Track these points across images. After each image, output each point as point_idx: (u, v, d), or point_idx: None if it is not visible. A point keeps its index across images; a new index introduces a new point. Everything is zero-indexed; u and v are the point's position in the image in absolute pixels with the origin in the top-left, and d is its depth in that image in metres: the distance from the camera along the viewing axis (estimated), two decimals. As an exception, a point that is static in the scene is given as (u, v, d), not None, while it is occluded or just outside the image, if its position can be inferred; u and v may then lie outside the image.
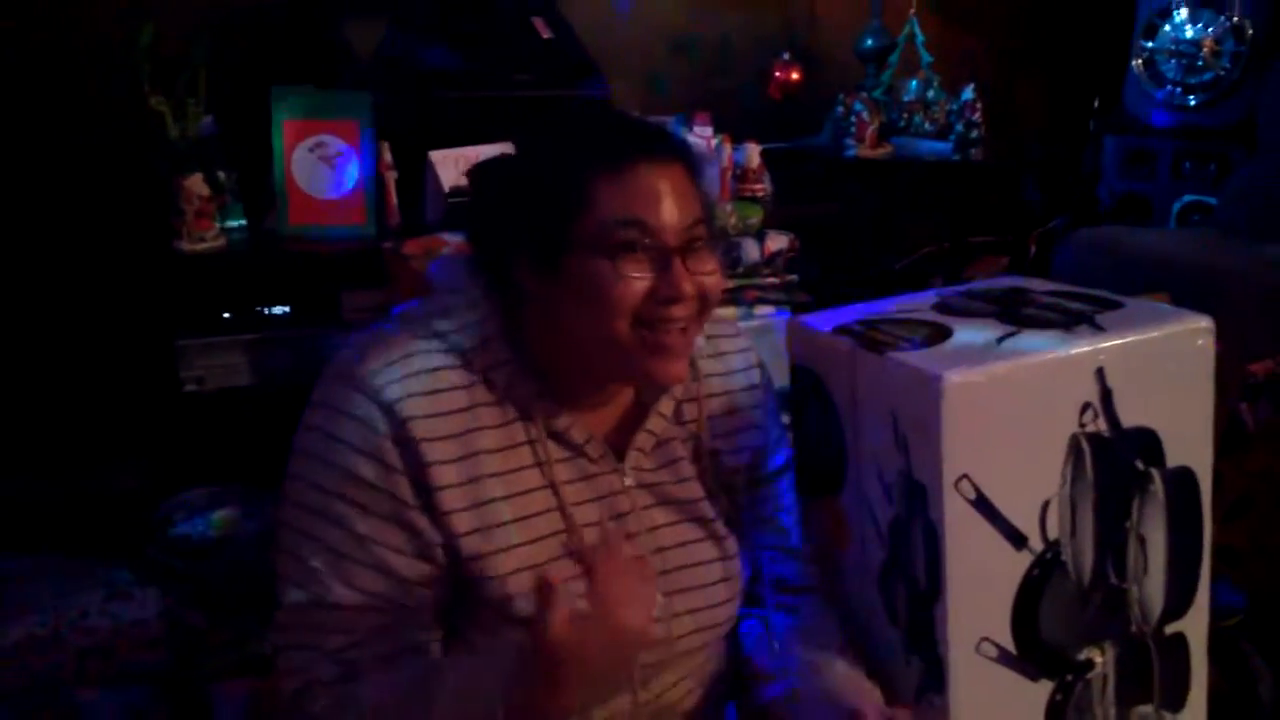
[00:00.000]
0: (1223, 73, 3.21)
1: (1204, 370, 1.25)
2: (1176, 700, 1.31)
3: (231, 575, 1.76)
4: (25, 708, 1.48)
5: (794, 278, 2.24)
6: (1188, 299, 2.42)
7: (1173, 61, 3.28)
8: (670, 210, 0.99)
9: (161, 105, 2.14)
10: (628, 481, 1.10)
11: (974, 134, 2.97)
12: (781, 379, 1.33)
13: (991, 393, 1.14)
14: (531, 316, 1.05)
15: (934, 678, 1.19)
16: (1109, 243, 2.76)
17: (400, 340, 1.03)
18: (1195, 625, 1.30)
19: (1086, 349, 1.18)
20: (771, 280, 2.22)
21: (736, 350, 1.23)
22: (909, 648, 1.22)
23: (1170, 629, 1.29)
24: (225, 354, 2.10)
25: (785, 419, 1.33)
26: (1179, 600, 1.28)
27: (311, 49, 2.44)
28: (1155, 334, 1.22)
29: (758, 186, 2.47)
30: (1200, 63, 3.25)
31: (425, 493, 0.99)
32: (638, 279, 0.98)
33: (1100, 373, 1.18)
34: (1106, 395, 1.19)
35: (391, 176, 2.24)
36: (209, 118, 2.23)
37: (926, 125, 2.95)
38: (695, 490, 1.15)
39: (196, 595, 1.73)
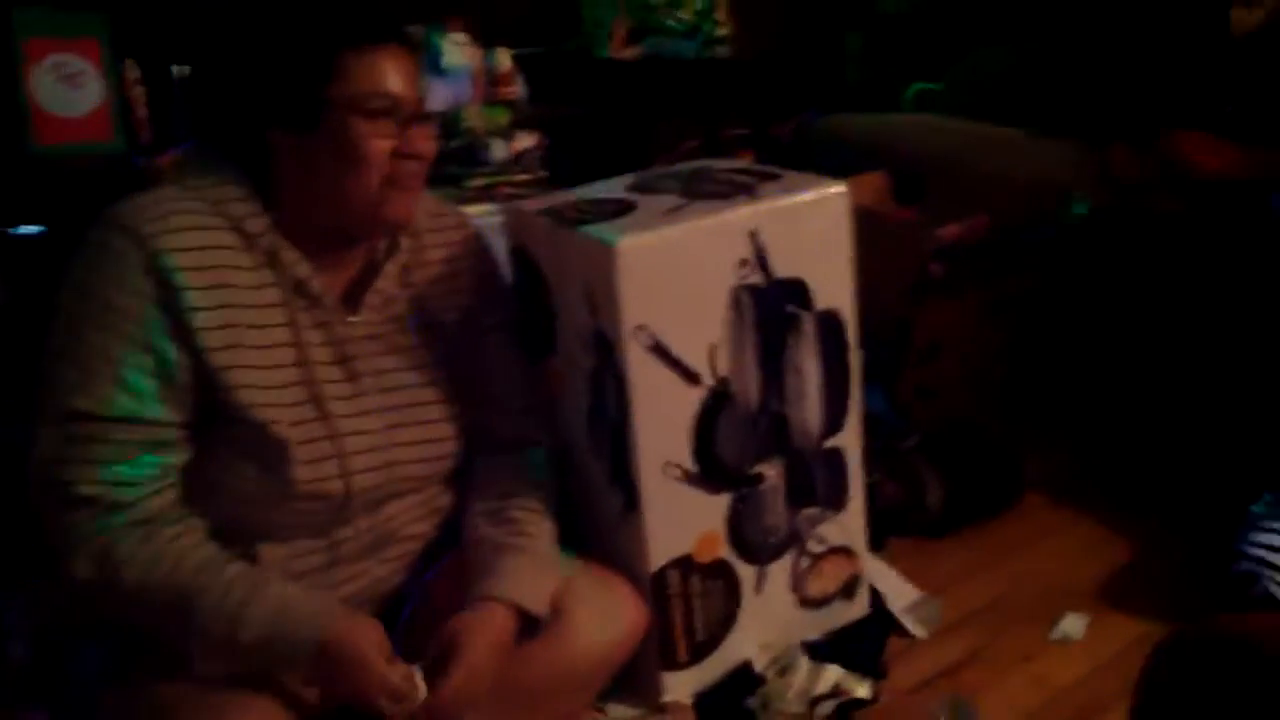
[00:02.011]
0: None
1: (841, 228, 1.49)
2: (836, 502, 1.59)
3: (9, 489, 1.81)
4: None
5: (544, 174, 2.39)
6: (901, 176, 2.74)
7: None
8: (409, 86, 1.21)
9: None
10: (358, 331, 1.26)
11: (719, 32, 3.16)
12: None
13: (659, 254, 1.35)
14: (285, 173, 1.20)
15: (631, 498, 1.41)
16: (839, 130, 3.02)
17: (158, 193, 1.19)
18: (850, 440, 1.58)
19: (741, 214, 1.41)
20: (523, 177, 2.37)
21: (458, 228, 1.40)
22: (611, 478, 1.44)
23: (828, 444, 1.55)
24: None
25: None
26: (833, 420, 1.55)
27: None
28: (800, 199, 1.46)
29: (508, 90, 2.60)
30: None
31: (176, 314, 1.13)
32: (386, 139, 1.19)
33: (753, 234, 1.41)
34: (760, 252, 1.42)
35: (139, 93, 2.26)
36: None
37: (674, 25, 3.13)
38: (418, 341, 1.32)
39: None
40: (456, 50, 2.62)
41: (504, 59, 2.67)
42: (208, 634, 1.10)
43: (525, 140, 2.37)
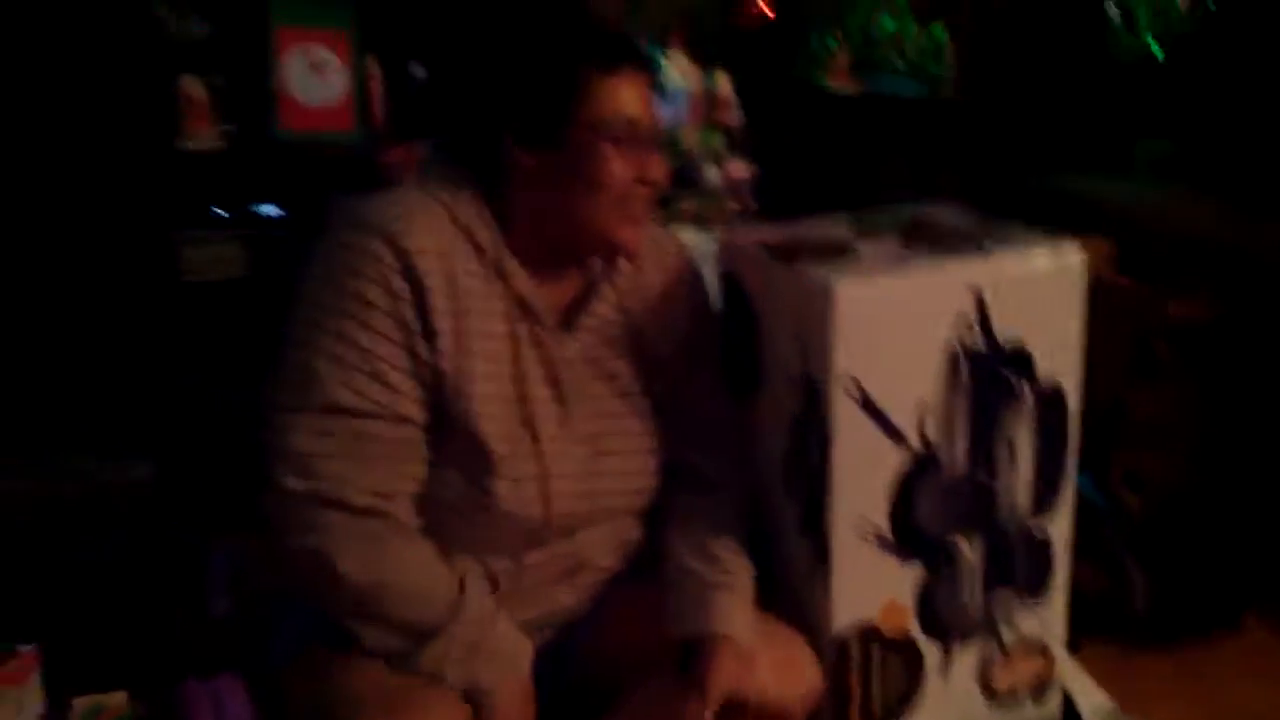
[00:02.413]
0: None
1: (1075, 297, 1.40)
2: (1036, 588, 1.49)
3: (227, 448, 1.91)
4: (20, 556, 1.64)
5: (754, 205, 2.37)
6: (1130, 248, 2.57)
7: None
8: (650, 112, 1.23)
9: (163, 9, 2.25)
10: (571, 353, 1.26)
11: (944, 73, 3.07)
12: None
13: (877, 303, 1.30)
14: (519, 189, 1.21)
15: (820, 552, 1.36)
16: (1062, 186, 2.88)
17: (402, 194, 1.22)
18: (1059, 525, 1.47)
19: (967, 269, 1.34)
20: (734, 207, 2.35)
21: (676, 255, 1.39)
22: (802, 529, 1.40)
23: (1035, 524, 1.46)
24: (222, 249, 2.24)
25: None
26: (1043, 500, 1.45)
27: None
28: (1033, 261, 1.38)
29: (726, 114, 2.59)
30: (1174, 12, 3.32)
31: (423, 316, 1.15)
32: (627, 163, 1.20)
33: (978, 292, 1.34)
34: (983, 312, 1.35)
35: (378, 86, 2.36)
36: (206, 22, 2.34)
37: (898, 63, 3.05)
38: (629, 369, 1.30)
39: (196, 463, 1.88)
40: (676, 70, 2.63)
41: (723, 82, 2.67)
42: (449, 650, 1.14)
43: (739, 167, 2.35)
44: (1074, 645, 1.67)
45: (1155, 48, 3.40)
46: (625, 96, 1.20)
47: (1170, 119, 3.28)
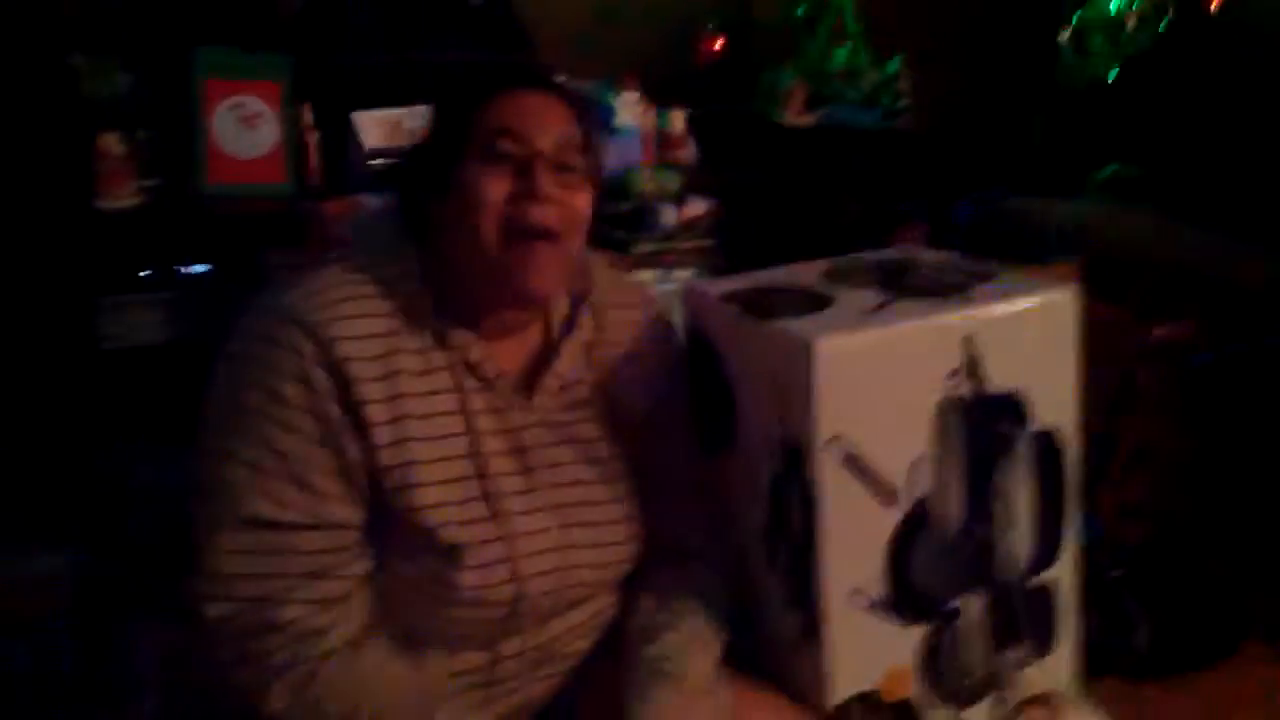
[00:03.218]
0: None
1: (1067, 338, 1.31)
2: (1044, 644, 1.39)
3: (151, 528, 1.79)
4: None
5: (712, 243, 2.29)
6: (1095, 268, 2.53)
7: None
8: (537, 125, 1.10)
9: (80, 64, 2.13)
10: (533, 419, 1.16)
11: (901, 103, 3.02)
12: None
13: (860, 358, 1.20)
14: (437, 244, 1.12)
15: (811, 625, 1.25)
16: (1023, 213, 2.83)
17: (321, 275, 1.10)
18: (1063, 575, 1.38)
19: (955, 318, 1.25)
20: (690, 245, 2.26)
21: (643, 305, 1.29)
22: (789, 600, 1.29)
23: (1038, 578, 1.36)
24: (144, 312, 2.10)
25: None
26: (1045, 552, 1.36)
27: (235, 8, 2.42)
28: (1021, 305, 1.29)
29: (680, 152, 2.51)
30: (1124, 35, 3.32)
31: (351, 410, 1.04)
32: (503, 180, 1.08)
33: (967, 341, 1.24)
34: (973, 362, 1.25)
35: (313, 137, 2.25)
36: (129, 76, 2.22)
37: (853, 94, 3.00)
38: (596, 432, 1.21)
39: (117, 547, 1.75)
40: (628, 109, 2.55)
41: (677, 120, 2.59)
42: None
43: (696, 206, 2.26)
44: (1097, 679, 1.59)
45: (1106, 71, 3.40)
46: (500, 113, 1.10)
47: (1123, 141, 3.27)
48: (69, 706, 1.54)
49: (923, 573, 1.28)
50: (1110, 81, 3.40)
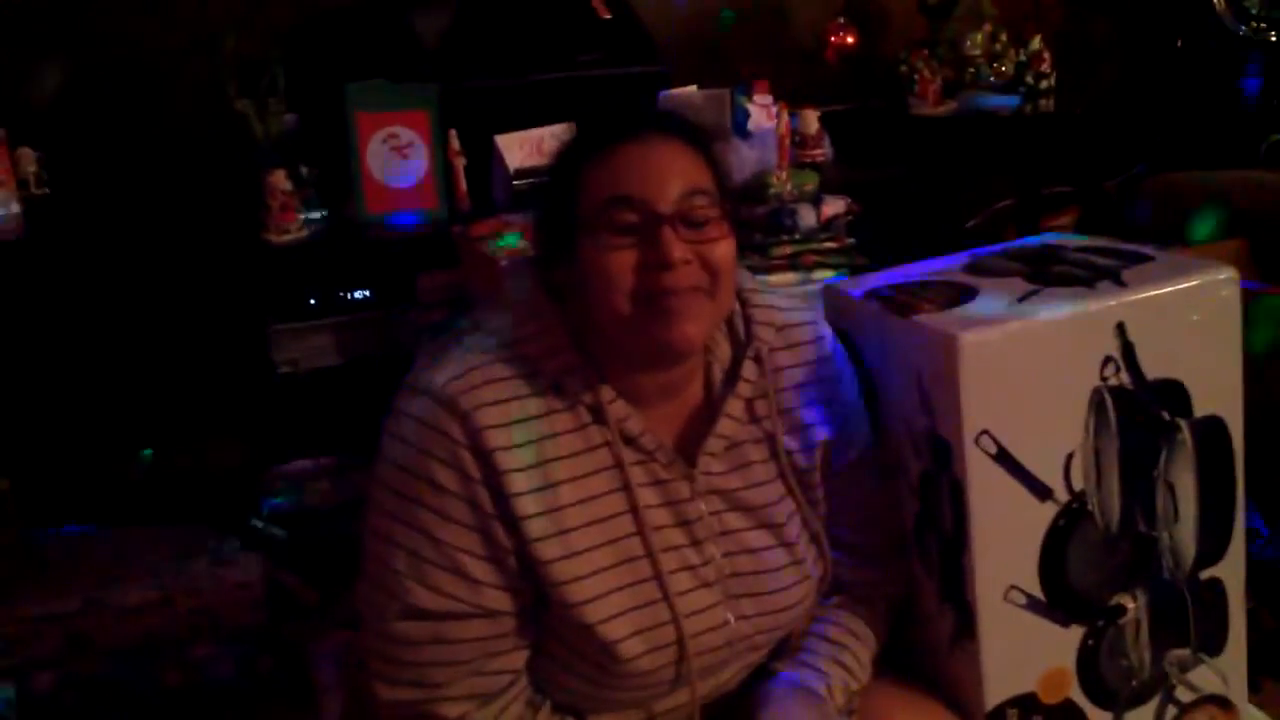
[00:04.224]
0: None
1: (1230, 320, 1.26)
2: (1214, 644, 1.34)
3: (325, 542, 1.90)
4: (147, 664, 1.63)
5: (852, 241, 2.27)
6: (1269, 244, 2.39)
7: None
8: (656, 182, 1.01)
9: (246, 107, 2.28)
10: (698, 487, 1.10)
11: (1043, 84, 2.92)
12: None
13: (1007, 351, 1.18)
14: (575, 313, 1.06)
15: (965, 625, 1.24)
16: (1182, 188, 2.69)
17: (471, 353, 1.05)
18: (1231, 570, 1.32)
19: (1105, 305, 1.21)
20: (830, 245, 2.25)
21: (809, 340, 1.20)
22: (942, 597, 1.27)
23: (1205, 574, 1.31)
24: (314, 337, 2.24)
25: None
26: (1212, 546, 1.30)
27: (383, 43, 2.55)
28: (1176, 288, 1.24)
29: (816, 152, 2.50)
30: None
31: (502, 500, 1.01)
32: (628, 249, 1.00)
33: (1120, 327, 1.21)
34: (1128, 349, 1.22)
35: (460, 162, 2.35)
36: (291, 115, 2.37)
37: (992, 79, 2.92)
38: (768, 494, 1.15)
39: (294, 560, 1.87)
40: (761, 112, 2.55)
41: (811, 120, 2.59)
42: None
43: (834, 205, 2.25)
44: (1253, 686, 1.51)
45: (1265, 36, 3.21)
46: (613, 176, 1.01)
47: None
48: (267, 708, 1.64)
49: (1081, 570, 1.25)
50: (1274, 43, 3.21)
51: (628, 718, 1.13)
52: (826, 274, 2.22)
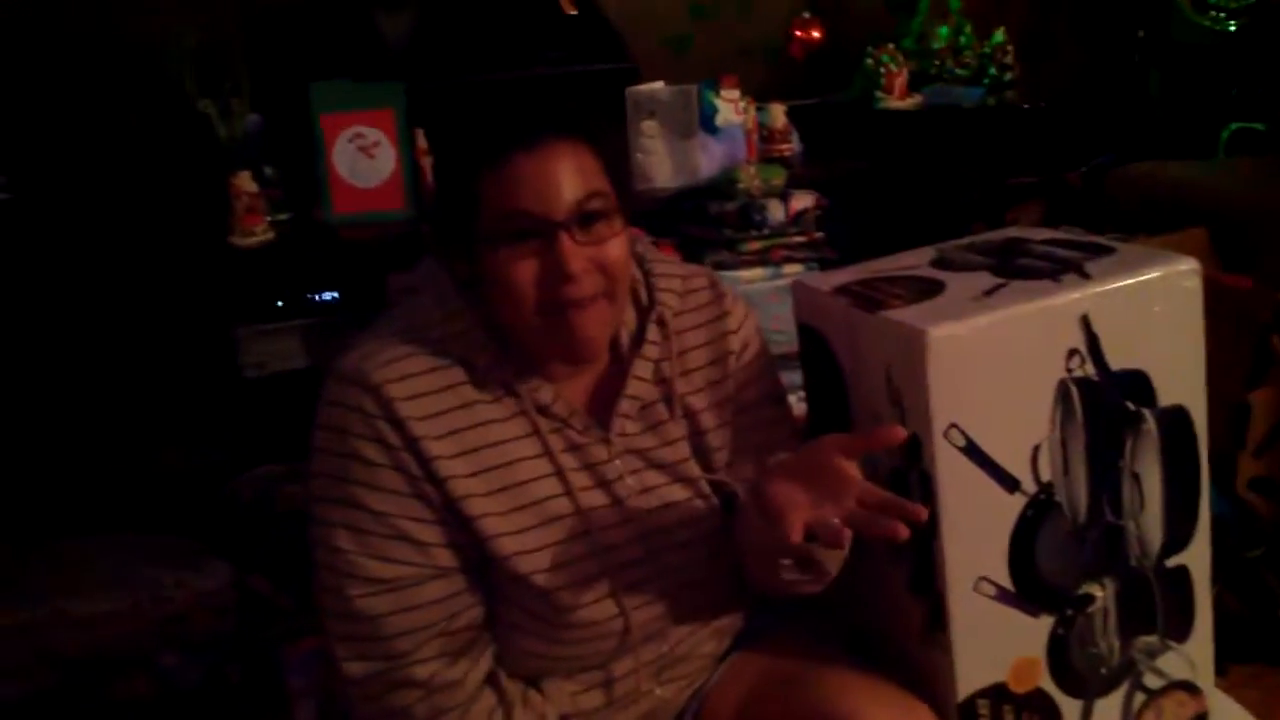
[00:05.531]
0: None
1: (1192, 311, 1.28)
2: (1180, 630, 1.35)
3: (295, 546, 1.88)
4: (114, 673, 1.62)
5: (820, 235, 2.28)
6: (1226, 233, 2.42)
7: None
8: (550, 192, 1.02)
9: (208, 107, 2.26)
10: (614, 449, 1.15)
11: (1007, 76, 2.95)
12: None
13: (975, 344, 1.19)
14: (481, 302, 1.10)
15: (936, 616, 1.25)
16: (1144, 179, 2.72)
17: (380, 336, 1.10)
18: (1198, 558, 1.34)
19: (1070, 298, 1.22)
20: (799, 239, 2.26)
21: (702, 289, 1.25)
22: (913, 589, 1.28)
23: (1171, 562, 1.33)
24: (281, 340, 2.22)
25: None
26: (1178, 534, 1.32)
27: (347, 42, 2.53)
28: (1140, 279, 1.25)
29: (783, 146, 2.51)
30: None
31: (424, 463, 1.05)
32: (528, 259, 1.03)
33: (1085, 320, 1.22)
34: (1093, 341, 1.23)
35: (427, 161, 2.33)
36: (255, 116, 2.34)
37: (958, 71, 2.94)
38: (681, 450, 1.19)
39: (264, 565, 1.85)
40: (729, 107, 2.56)
41: (778, 114, 2.59)
42: None
43: (802, 199, 2.26)
44: (1220, 670, 1.53)
45: (1225, 26, 3.25)
46: (511, 189, 1.02)
47: (1248, 97, 3.12)
48: (237, 717, 1.63)
49: (1050, 560, 1.26)
50: (1234, 33, 3.25)
51: (590, 679, 1.15)
52: (795, 268, 2.24)
